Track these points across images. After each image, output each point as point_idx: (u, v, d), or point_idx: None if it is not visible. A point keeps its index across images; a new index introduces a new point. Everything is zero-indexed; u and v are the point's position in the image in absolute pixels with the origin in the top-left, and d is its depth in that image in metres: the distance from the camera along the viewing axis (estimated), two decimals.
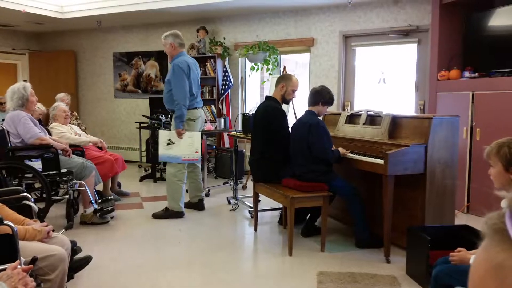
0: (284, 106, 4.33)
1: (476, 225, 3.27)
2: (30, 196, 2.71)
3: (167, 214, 4.69)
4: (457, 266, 2.13)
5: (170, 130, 4.78)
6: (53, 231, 2.42)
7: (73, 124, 5.85)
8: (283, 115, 4.13)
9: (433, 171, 3.52)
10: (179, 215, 4.70)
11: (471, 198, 4.85)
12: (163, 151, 4.64)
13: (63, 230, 2.77)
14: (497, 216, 0.53)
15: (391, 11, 6.04)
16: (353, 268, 3.34)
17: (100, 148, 5.42)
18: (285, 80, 4.17)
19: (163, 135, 4.67)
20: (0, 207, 2.34)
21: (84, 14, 7.26)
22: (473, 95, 4.81)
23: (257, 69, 6.75)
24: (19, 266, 1.63)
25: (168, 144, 4.61)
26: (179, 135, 4.59)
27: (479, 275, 0.52)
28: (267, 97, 4.31)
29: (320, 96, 3.92)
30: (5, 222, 2.00)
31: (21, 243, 2.07)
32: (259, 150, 4.12)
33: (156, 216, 4.70)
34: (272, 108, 4.09)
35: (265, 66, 6.70)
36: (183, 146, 4.61)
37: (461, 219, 4.56)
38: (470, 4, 5.07)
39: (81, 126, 6.17)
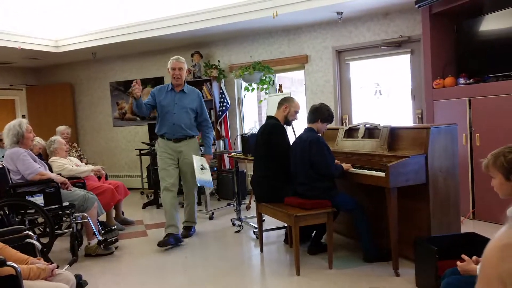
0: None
1: (483, 231, 3.24)
2: (32, 234, 2.70)
3: (191, 233, 4.94)
4: (465, 277, 2.10)
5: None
6: (57, 267, 2.40)
7: (73, 156, 5.87)
8: (283, 131, 4.13)
9: (435, 180, 3.51)
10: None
11: (476, 204, 4.83)
12: (200, 175, 4.54)
13: (68, 265, 2.76)
14: None
15: (382, 23, 6.10)
16: (363, 284, 3.30)
17: (99, 177, 5.41)
18: (288, 102, 4.19)
19: (197, 160, 4.58)
20: (3, 247, 2.33)
21: (78, 46, 7.34)
22: (469, 101, 4.82)
23: (252, 89, 6.79)
24: None
25: (201, 169, 4.58)
26: (210, 160, 4.81)
27: (489, 248, 0.55)
28: (268, 117, 4.33)
29: (320, 113, 3.93)
30: (8, 263, 1.99)
31: (26, 283, 2.06)
32: (261, 168, 4.12)
33: (187, 236, 4.85)
34: (272, 125, 4.11)
35: (260, 86, 6.74)
36: (209, 172, 4.68)
37: (467, 226, 4.53)
38: (459, 12, 5.12)
39: (83, 158, 6.18)
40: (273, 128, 4.08)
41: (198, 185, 4.60)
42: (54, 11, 7.20)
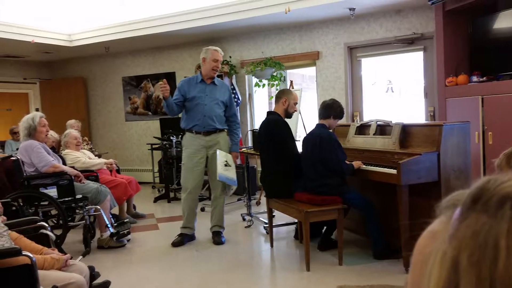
0: (290, 121, 4.36)
1: None
2: (46, 225, 2.74)
3: (224, 239, 4.53)
4: None
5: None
6: (71, 258, 2.44)
7: (85, 149, 5.93)
8: (286, 126, 4.15)
9: (447, 178, 3.49)
10: None
11: None
12: (222, 171, 4.30)
13: (81, 257, 2.80)
14: (461, 195, 0.55)
15: (394, 20, 6.06)
16: (372, 280, 3.30)
17: (110, 171, 5.46)
18: (286, 94, 4.23)
19: (221, 155, 4.36)
20: (18, 237, 2.37)
21: (92, 41, 7.40)
22: (482, 99, 4.78)
23: (263, 85, 6.79)
24: None
25: (225, 165, 4.35)
26: (237, 157, 4.57)
27: (421, 236, 0.58)
28: (269, 112, 4.37)
29: (332, 109, 3.94)
30: (23, 253, 2.03)
31: (40, 273, 2.10)
32: (269, 164, 4.14)
33: (220, 242, 4.47)
34: (274, 120, 4.14)
35: (270, 82, 6.74)
36: (234, 170, 4.45)
37: None
38: (473, 9, 5.07)
39: (94, 151, 6.24)
40: (276, 124, 4.11)
41: (219, 180, 4.31)
42: (68, 5, 7.26)
